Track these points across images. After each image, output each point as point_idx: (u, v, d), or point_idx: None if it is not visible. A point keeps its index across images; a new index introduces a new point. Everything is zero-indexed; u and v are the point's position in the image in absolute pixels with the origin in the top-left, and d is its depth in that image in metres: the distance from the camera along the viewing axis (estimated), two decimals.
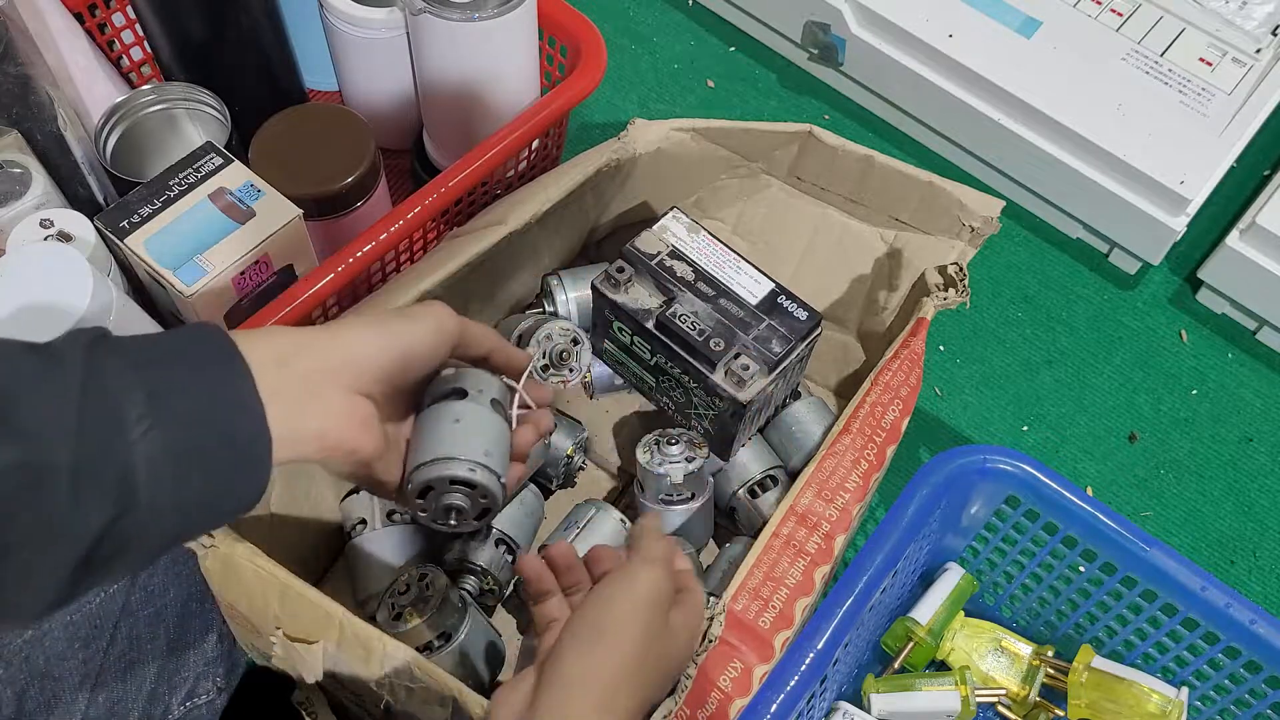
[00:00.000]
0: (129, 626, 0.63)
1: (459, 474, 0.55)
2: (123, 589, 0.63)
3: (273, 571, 0.63)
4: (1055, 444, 0.97)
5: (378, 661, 0.62)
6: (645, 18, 1.21)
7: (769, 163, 0.89)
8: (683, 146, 0.86)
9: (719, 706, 0.62)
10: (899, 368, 0.76)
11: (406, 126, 1.01)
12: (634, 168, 0.85)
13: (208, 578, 0.66)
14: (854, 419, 0.73)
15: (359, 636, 0.62)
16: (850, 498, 0.70)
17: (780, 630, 0.64)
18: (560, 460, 0.84)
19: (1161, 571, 0.72)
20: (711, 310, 0.77)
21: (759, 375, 0.75)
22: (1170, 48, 1.04)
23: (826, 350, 0.93)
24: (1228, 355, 1.03)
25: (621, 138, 0.83)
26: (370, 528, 0.78)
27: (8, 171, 0.75)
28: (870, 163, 0.84)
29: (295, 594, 0.63)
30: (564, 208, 0.83)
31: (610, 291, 0.79)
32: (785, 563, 0.67)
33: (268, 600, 0.63)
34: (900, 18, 1.05)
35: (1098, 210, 1.04)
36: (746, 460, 0.84)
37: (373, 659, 0.62)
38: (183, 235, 0.73)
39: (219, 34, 0.86)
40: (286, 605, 0.63)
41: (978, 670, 0.81)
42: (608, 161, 0.83)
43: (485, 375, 0.60)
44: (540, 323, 0.82)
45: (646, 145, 0.84)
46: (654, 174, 0.87)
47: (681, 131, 0.85)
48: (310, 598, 0.62)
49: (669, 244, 0.79)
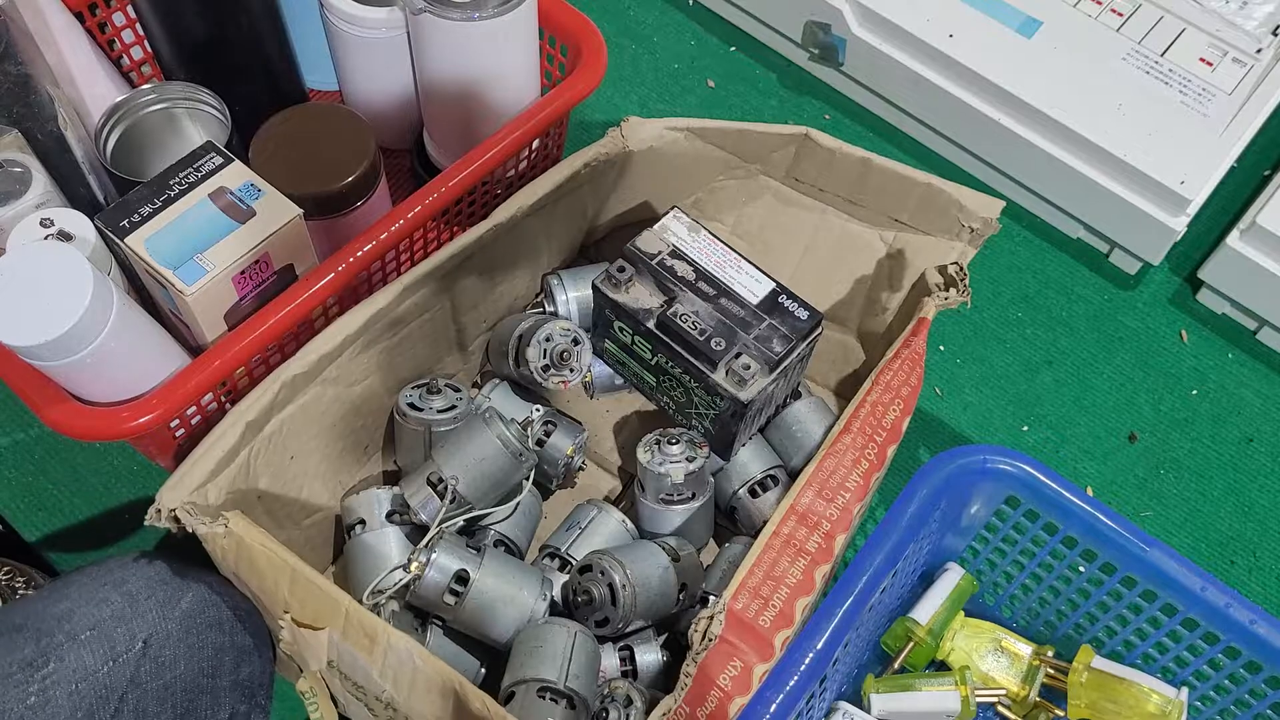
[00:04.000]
0: (136, 699, 0.61)
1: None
2: (133, 658, 0.61)
3: (284, 557, 0.64)
4: (1055, 444, 0.97)
5: (381, 650, 0.62)
6: (645, 18, 1.21)
7: (766, 164, 0.89)
8: (677, 146, 0.86)
9: (719, 705, 0.62)
10: (900, 367, 0.76)
11: (406, 126, 1.01)
12: (629, 165, 0.85)
13: (222, 556, 0.67)
14: (855, 418, 0.73)
15: (363, 625, 0.63)
16: (851, 497, 0.70)
17: (780, 629, 0.64)
18: (560, 460, 0.84)
19: (1161, 571, 0.72)
20: (712, 310, 0.77)
21: (760, 374, 0.75)
22: (1170, 48, 1.04)
23: (827, 350, 0.93)
24: (1228, 355, 1.03)
25: (613, 133, 0.83)
26: (369, 528, 0.78)
27: (8, 171, 0.75)
28: (868, 164, 0.84)
29: (304, 580, 0.64)
30: (556, 202, 0.83)
31: (611, 291, 0.79)
32: (785, 562, 0.67)
33: (278, 584, 0.65)
34: (900, 18, 1.05)
35: (1098, 210, 1.04)
36: (747, 460, 0.84)
37: (376, 648, 0.62)
38: (183, 235, 0.73)
39: (219, 33, 0.86)
40: (295, 591, 0.64)
41: (978, 670, 0.81)
42: (597, 156, 0.83)
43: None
44: (540, 323, 0.82)
45: (640, 143, 0.84)
46: (650, 173, 0.87)
47: (675, 131, 0.85)
48: (318, 584, 0.64)
49: (670, 243, 0.79)
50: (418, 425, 0.79)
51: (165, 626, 0.63)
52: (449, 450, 0.76)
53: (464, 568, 0.72)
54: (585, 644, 0.71)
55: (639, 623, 0.75)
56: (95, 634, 0.61)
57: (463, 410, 0.80)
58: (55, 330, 0.64)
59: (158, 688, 0.62)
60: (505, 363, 0.85)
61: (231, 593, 0.68)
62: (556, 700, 0.67)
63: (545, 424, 0.84)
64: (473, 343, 0.89)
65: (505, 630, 0.73)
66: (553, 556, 0.81)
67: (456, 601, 0.72)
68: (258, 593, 0.67)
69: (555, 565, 0.80)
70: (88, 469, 0.91)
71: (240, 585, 0.69)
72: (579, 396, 0.92)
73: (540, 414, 0.84)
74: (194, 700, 0.64)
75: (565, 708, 0.67)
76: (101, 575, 0.64)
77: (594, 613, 0.74)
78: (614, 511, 0.83)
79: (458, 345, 0.88)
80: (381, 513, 0.78)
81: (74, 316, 0.64)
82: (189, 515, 0.65)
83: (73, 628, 0.60)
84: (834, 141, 0.85)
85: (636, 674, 0.76)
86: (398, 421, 0.81)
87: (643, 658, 0.76)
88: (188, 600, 0.65)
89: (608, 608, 0.73)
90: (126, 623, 0.62)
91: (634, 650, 0.76)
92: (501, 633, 0.73)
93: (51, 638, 0.60)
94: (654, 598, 0.74)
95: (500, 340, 0.87)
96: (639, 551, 0.76)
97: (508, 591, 0.73)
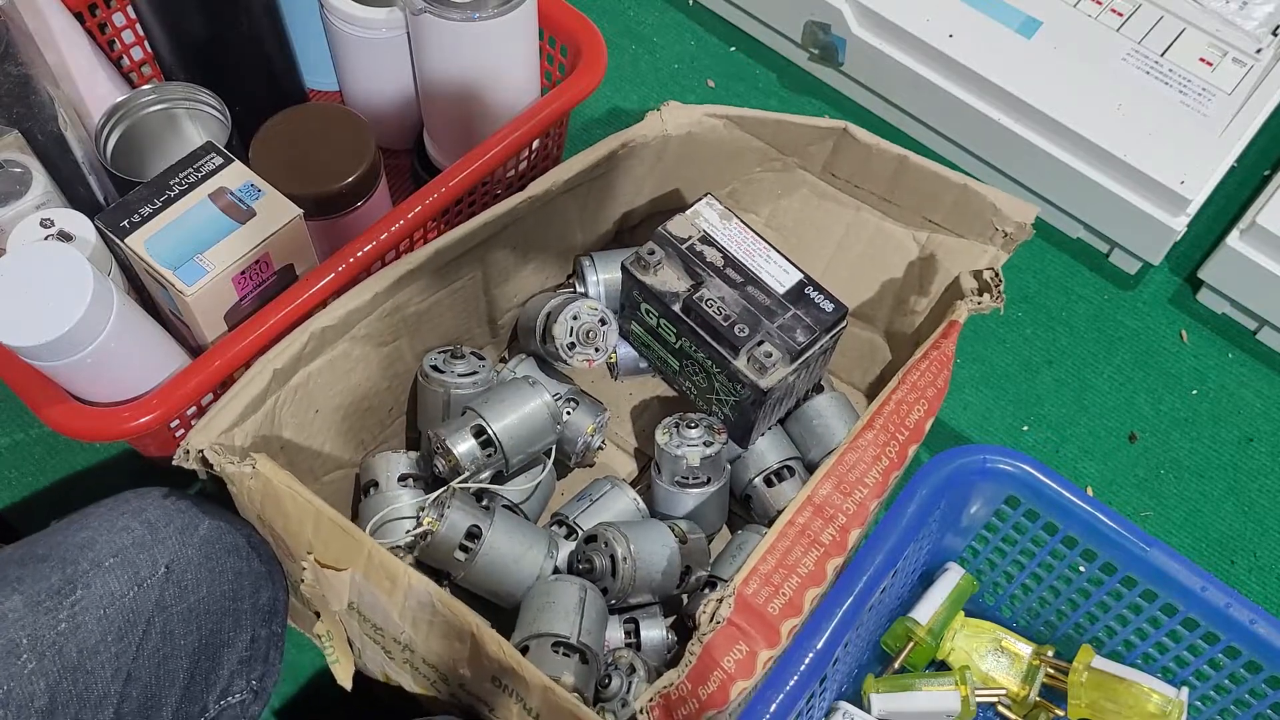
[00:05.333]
0: (163, 622, 0.63)
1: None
2: (157, 583, 0.63)
3: (309, 499, 0.65)
4: (1055, 444, 0.97)
5: (401, 592, 0.63)
6: (645, 18, 1.21)
7: (803, 158, 0.89)
8: (716, 133, 0.86)
9: (720, 685, 0.62)
10: (928, 368, 0.76)
11: (406, 126, 1.01)
12: (666, 150, 0.86)
13: (248, 498, 0.68)
14: (878, 415, 0.73)
15: (385, 566, 0.64)
16: (869, 493, 0.70)
17: (788, 618, 0.65)
18: (580, 439, 0.84)
19: (1161, 571, 0.72)
20: (738, 296, 0.77)
21: (781, 363, 0.76)
22: (1170, 48, 1.04)
23: (853, 348, 0.93)
24: (1228, 355, 1.03)
25: (652, 116, 0.84)
26: (382, 490, 0.79)
27: (8, 171, 0.75)
28: (904, 162, 0.84)
29: (328, 522, 0.65)
30: (591, 182, 0.84)
31: (640, 273, 0.79)
32: (799, 551, 0.67)
33: (303, 524, 0.66)
34: (900, 18, 1.05)
35: (1098, 210, 1.04)
36: (765, 449, 0.84)
37: (397, 589, 0.64)
38: (183, 235, 0.73)
39: (219, 34, 0.86)
40: (320, 532, 0.65)
41: (978, 670, 0.81)
42: (634, 137, 0.83)
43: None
44: (568, 301, 0.83)
45: (678, 128, 0.85)
46: (687, 159, 0.88)
47: (714, 118, 0.85)
48: (342, 526, 0.65)
49: (701, 229, 0.80)
50: (439, 387, 0.80)
51: (185, 552, 0.65)
52: (492, 405, 0.77)
53: (475, 524, 0.73)
54: (595, 601, 0.72)
55: (643, 597, 0.76)
56: (119, 560, 0.62)
57: (483, 378, 0.82)
58: (55, 331, 0.64)
59: (182, 611, 0.64)
60: (532, 339, 0.86)
61: (243, 523, 0.70)
62: (569, 654, 0.68)
63: (568, 401, 0.85)
64: (503, 317, 0.90)
65: (515, 588, 0.74)
66: (561, 524, 0.82)
67: (467, 558, 0.73)
68: (282, 534, 0.68)
69: (563, 533, 0.81)
70: (88, 469, 0.91)
71: (263, 528, 0.70)
72: (603, 377, 0.93)
73: (564, 391, 0.85)
74: (218, 623, 0.66)
75: (578, 662, 0.68)
76: (119, 505, 0.66)
77: (595, 581, 0.75)
78: (628, 489, 0.84)
79: (488, 319, 0.89)
80: (395, 475, 0.79)
81: (74, 317, 0.64)
82: (217, 455, 0.66)
83: (96, 555, 0.62)
84: (871, 137, 0.84)
85: (640, 648, 0.77)
86: (420, 384, 0.82)
87: (647, 633, 0.77)
88: (204, 527, 0.66)
89: (607, 578, 0.74)
90: (148, 549, 0.63)
91: (639, 624, 0.77)
92: (511, 590, 0.74)
93: (76, 565, 0.61)
94: (655, 575, 0.75)
95: (529, 317, 0.88)
96: (647, 529, 0.77)
97: (518, 550, 0.74)
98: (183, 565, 0.64)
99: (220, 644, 0.66)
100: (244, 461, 0.67)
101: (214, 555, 0.66)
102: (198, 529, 0.66)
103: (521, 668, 0.61)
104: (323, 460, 0.79)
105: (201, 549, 0.65)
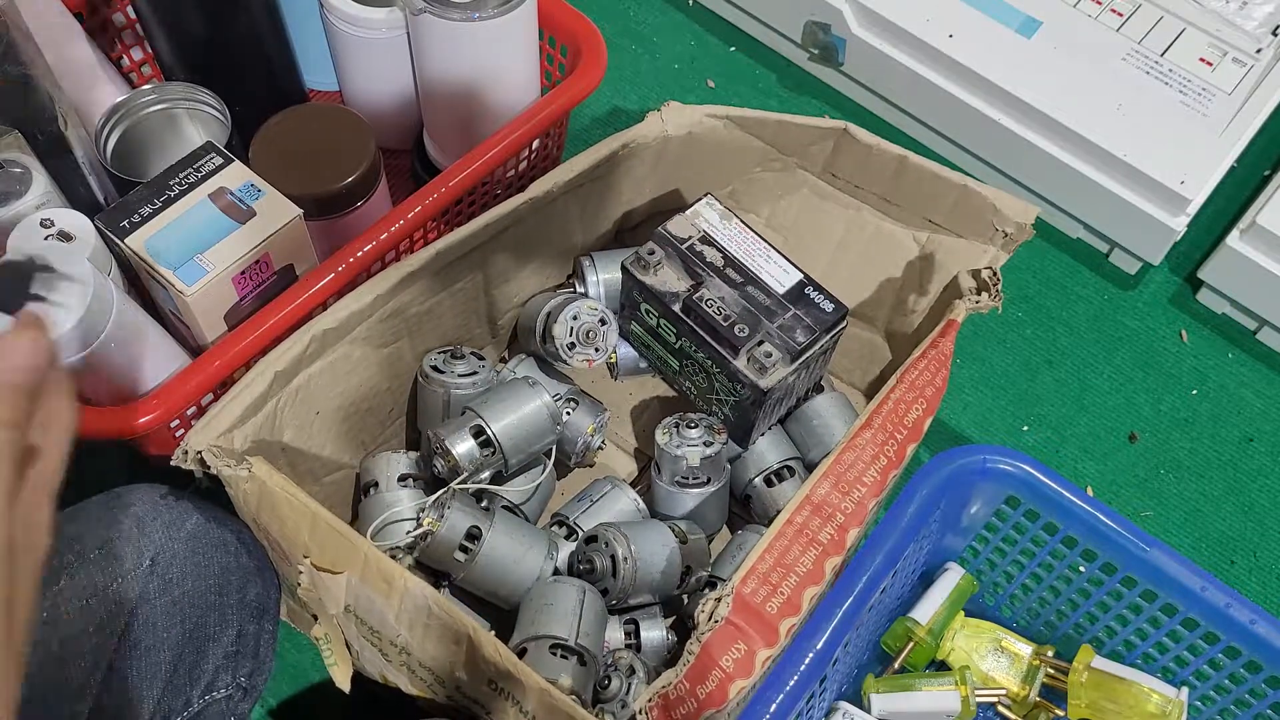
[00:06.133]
0: (145, 613, 0.63)
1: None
2: (141, 575, 0.63)
3: (305, 502, 0.66)
4: (1055, 444, 0.97)
5: (398, 595, 0.63)
6: (645, 18, 1.21)
7: (804, 158, 0.89)
8: (716, 134, 0.86)
9: (719, 685, 0.62)
10: (926, 367, 0.76)
11: (406, 126, 1.01)
12: (666, 150, 0.86)
13: (244, 501, 0.68)
14: (877, 414, 0.73)
15: (382, 569, 0.64)
16: (867, 492, 0.70)
17: (786, 617, 0.65)
18: (580, 439, 0.84)
19: (1161, 571, 0.72)
20: (738, 296, 0.78)
21: (781, 363, 0.76)
22: (1170, 48, 1.04)
23: (853, 348, 0.93)
24: (1228, 355, 1.03)
25: (652, 117, 0.84)
26: (382, 490, 0.79)
27: (8, 171, 0.75)
28: (904, 162, 0.84)
29: (324, 525, 0.65)
30: (592, 182, 0.84)
31: (640, 273, 0.80)
32: (797, 550, 0.67)
33: (299, 528, 0.66)
34: (900, 18, 1.05)
35: (1098, 210, 1.04)
36: (764, 449, 0.84)
37: (393, 592, 0.64)
38: (183, 235, 0.73)
39: (219, 34, 0.86)
40: (316, 535, 0.66)
41: (978, 670, 0.81)
42: (635, 138, 0.83)
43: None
44: (568, 301, 0.83)
45: (678, 128, 0.85)
46: (687, 159, 0.88)
47: (715, 118, 0.85)
48: (339, 529, 0.65)
49: (701, 229, 0.80)
50: (438, 388, 0.81)
51: (171, 546, 0.65)
52: (491, 405, 0.77)
53: (475, 525, 0.73)
54: (594, 603, 0.72)
55: (643, 597, 0.76)
56: (103, 553, 0.63)
57: (483, 378, 0.82)
58: (55, 331, 0.64)
59: (166, 603, 0.64)
60: (532, 339, 0.86)
61: (234, 520, 0.70)
62: (567, 656, 0.68)
63: (568, 401, 0.85)
64: (503, 317, 0.90)
65: (515, 589, 0.74)
66: (561, 524, 0.82)
67: (467, 559, 0.73)
68: (278, 538, 0.68)
69: (563, 534, 0.81)
70: (88, 469, 0.91)
71: (260, 531, 0.70)
72: (603, 378, 0.93)
73: (564, 391, 0.85)
74: (203, 616, 0.66)
75: (576, 664, 0.68)
76: (109, 501, 0.66)
77: (595, 582, 0.75)
78: (628, 490, 0.84)
79: (488, 319, 0.89)
80: (395, 475, 0.79)
81: (74, 317, 0.64)
82: (214, 457, 0.66)
83: (82, 548, 0.63)
84: (871, 137, 0.85)
85: (640, 649, 0.77)
86: (420, 384, 0.82)
87: (647, 634, 0.77)
88: (192, 523, 0.66)
89: (608, 579, 0.74)
90: (133, 542, 0.64)
91: (639, 625, 0.77)
92: (511, 591, 0.74)
93: (62, 557, 0.62)
94: (655, 576, 0.75)
95: (529, 317, 0.88)
96: (647, 529, 0.77)
97: (517, 551, 0.74)
98: (168, 559, 0.64)
99: (205, 638, 0.66)
100: (240, 465, 0.66)
101: (200, 550, 0.66)
102: (185, 524, 0.66)
103: (517, 670, 0.61)
104: (323, 462, 0.80)
105: (188, 543, 0.65)
